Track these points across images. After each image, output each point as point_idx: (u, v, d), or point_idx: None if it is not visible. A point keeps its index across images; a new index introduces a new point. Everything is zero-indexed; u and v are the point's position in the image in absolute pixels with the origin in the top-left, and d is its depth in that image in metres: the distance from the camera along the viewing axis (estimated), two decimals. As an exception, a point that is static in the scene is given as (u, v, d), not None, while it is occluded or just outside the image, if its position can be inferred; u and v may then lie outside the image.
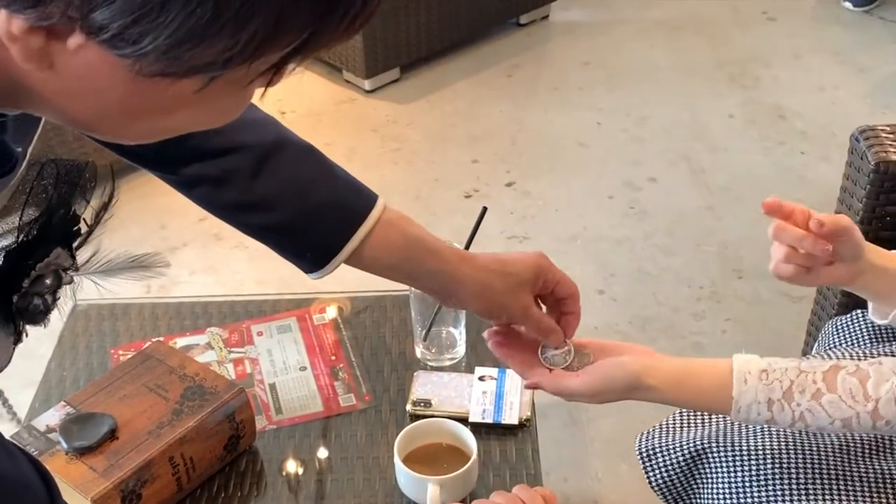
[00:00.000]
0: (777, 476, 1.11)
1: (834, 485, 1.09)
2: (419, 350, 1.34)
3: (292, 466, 1.21)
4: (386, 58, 3.12)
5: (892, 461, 1.12)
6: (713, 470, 1.18)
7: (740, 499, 1.13)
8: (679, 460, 1.20)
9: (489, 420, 1.23)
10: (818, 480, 1.09)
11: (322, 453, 1.22)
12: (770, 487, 1.11)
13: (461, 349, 1.34)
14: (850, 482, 1.09)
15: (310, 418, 1.26)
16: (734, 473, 1.15)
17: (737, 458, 1.15)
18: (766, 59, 3.33)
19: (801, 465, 1.11)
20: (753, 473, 1.13)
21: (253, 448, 1.22)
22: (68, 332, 1.41)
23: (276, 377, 1.32)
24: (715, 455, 1.17)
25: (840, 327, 1.37)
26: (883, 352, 1.26)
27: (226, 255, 2.48)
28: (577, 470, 1.90)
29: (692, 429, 1.23)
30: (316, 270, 1.01)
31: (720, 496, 1.15)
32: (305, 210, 0.99)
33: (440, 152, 2.89)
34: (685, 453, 1.20)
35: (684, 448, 1.20)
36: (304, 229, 1.00)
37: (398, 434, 1.15)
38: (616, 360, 1.02)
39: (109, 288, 0.81)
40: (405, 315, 1.38)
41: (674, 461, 1.21)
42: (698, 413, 1.25)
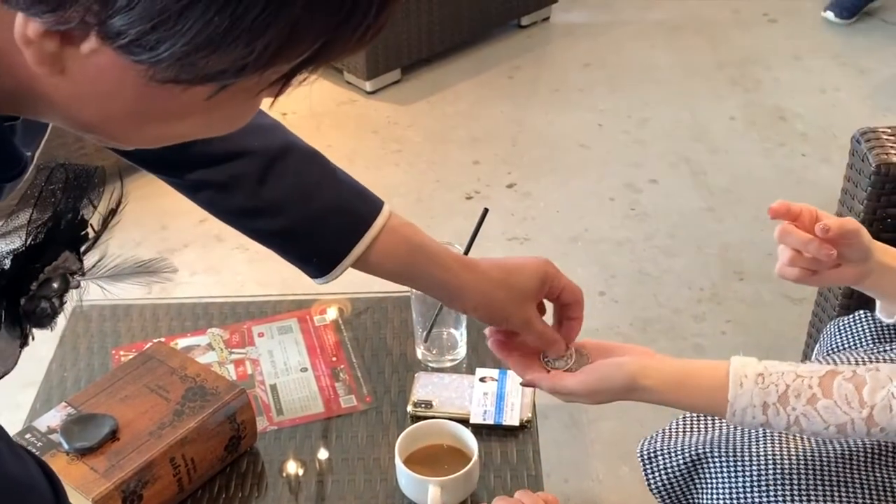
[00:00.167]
0: (778, 483, 1.10)
1: (835, 492, 1.08)
2: (420, 351, 1.34)
3: (293, 467, 1.21)
4: (387, 59, 3.12)
5: (894, 469, 1.11)
6: (713, 475, 1.17)
7: None
8: (679, 464, 1.20)
9: (490, 421, 1.23)
10: (819, 488, 1.09)
11: (323, 454, 1.22)
12: (771, 494, 1.10)
13: (462, 350, 1.34)
14: (852, 490, 1.08)
15: (311, 419, 1.26)
16: (734, 479, 1.14)
17: (738, 464, 1.14)
18: (767, 61, 3.33)
19: (803, 473, 1.10)
20: (754, 480, 1.12)
21: (254, 449, 1.22)
22: (69, 333, 1.41)
23: (277, 378, 1.32)
24: (716, 460, 1.17)
25: (843, 328, 1.36)
26: (886, 353, 1.25)
27: (227, 256, 2.48)
28: (578, 471, 1.90)
29: (694, 433, 1.22)
30: (321, 276, 1.01)
31: (720, 501, 1.15)
32: (311, 216, 0.99)
33: (441, 153, 2.89)
34: (686, 457, 1.19)
35: (685, 452, 1.20)
36: (310, 235, 1.00)
37: (399, 435, 1.15)
38: (613, 361, 1.02)
39: (116, 293, 0.81)
40: (406, 316, 1.38)
41: (674, 465, 1.20)
42: (701, 418, 1.24)
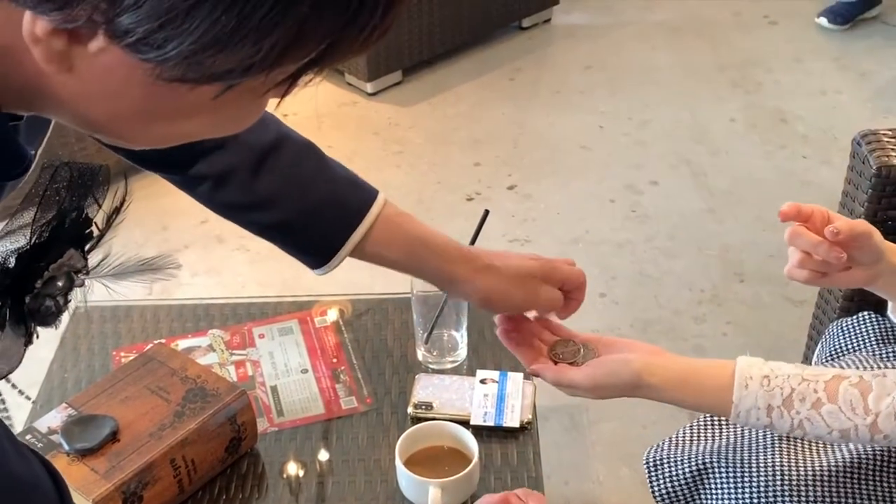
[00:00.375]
0: (785, 493, 1.09)
1: (842, 502, 1.08)
2: (421, 353, 1.34)
3: (293, 469, 1.21)
4: (388, 60, 3.12)
5: None
6: (719, 485, 1.16)
7: None
8: (685, 472, 1.19)
9: (490, 423, 1.23)
10: (826, 498, 1.08)
11: (323, 456, 1.22)
12: None
13: (463, 352, 1.34)
14: (859, 500, 1.08)
15: (311, 421, 1.26)
16: (740, 489, 1.13)
17: (744, 474, 1.14)
18: (768, 63, 3.33)
19: (810, 483, 1.09)
20: (760, 490, 1.11)
21: (254, 450, 1.22)
22: (70, 334, 1.41)
23: (278, 379, 1.32)
24: (722, 470, 1.16)
25: (846, 329, 1.36)
26: (891, 354, 1.25)
27: (227, 258, 2.48)
28: (578, 473, 1.90)
29: (701, 442, 1.21)
30: (320, 266, 1.02)
31: None
32: (306, 207, 1.00)
33: (442, 155, 2.89)
34: (692, 466, 1.19)
35: (691, 461, 1.19)
36: (306, 226, 1.01)
37: (399, 437, 1.15)
38: (621, 357, 1.01)
39: (120, 291, 0.81)
40: (407, 318, 1.38)
41: (679, 473, 1.20)
42: (708, 427, 1.23)
